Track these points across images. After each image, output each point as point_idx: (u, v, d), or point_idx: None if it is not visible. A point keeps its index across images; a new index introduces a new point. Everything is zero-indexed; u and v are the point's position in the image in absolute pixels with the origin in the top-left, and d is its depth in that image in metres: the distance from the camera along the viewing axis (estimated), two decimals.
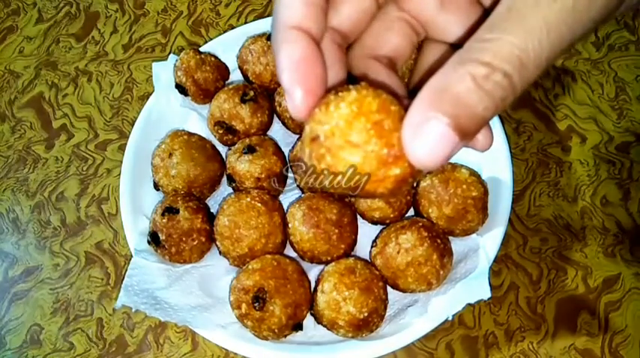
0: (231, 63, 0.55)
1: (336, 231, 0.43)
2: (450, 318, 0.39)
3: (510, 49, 0.17)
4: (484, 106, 0.17)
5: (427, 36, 0.25)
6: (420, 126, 0.17)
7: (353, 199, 0.46)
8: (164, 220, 0.45)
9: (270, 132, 0.53)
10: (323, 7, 0.21)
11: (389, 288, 0.43)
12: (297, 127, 0.52)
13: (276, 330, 0.41)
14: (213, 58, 0.54)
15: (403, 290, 0.43)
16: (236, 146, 0.49)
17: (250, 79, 0.54)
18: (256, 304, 0.40)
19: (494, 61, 0.17)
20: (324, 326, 0.42)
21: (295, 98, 0.20)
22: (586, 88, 0.56)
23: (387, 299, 0.42)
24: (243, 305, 0.41)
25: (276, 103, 0.52)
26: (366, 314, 0.39)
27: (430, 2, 0.23)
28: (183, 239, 0.45)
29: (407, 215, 0.47)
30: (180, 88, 0.53)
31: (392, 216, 0.45)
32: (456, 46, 0.24)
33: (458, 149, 0.18)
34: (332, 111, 0.19)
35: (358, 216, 0.47)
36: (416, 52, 0.25)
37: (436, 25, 0.24)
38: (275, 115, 0.53)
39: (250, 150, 0.47)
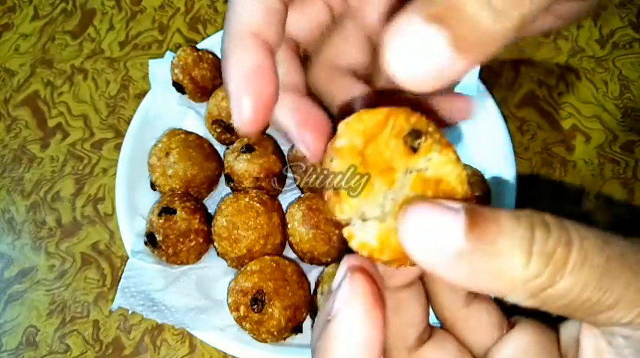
0: None
1: (337, 231, 0.42)
2: None
3: None
4: (501, 26, 0.14)
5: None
6: (402, 29, 0.14)
7: None
8: (161, 221, 0.44)
9: (269, 131, 0.53)
10: (283, 16, 0.20)
11: None
12: None
13: (275, 333, 0.40)
14: (210, 56, 0.53)
15: None
16: (234, 145, 0.49)
17: None
18: (255, 306, 0.40)
19: None
20: None
21: (244, 109, 0.18)
22: (590, 86, 0.55)
23: None
24: (242, 308, 0.40)
25: None
26: None
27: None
28: (181, 240, 0.44)
29: None
30: (178, 86, 0.52)
31: None
32: None
33: (453, 70, 0.14)
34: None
35: None
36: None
37: None
38: None
39: (249, 149, 0.47)
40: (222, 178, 0.50)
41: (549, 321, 0.19)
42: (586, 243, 0.14)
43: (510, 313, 0.22)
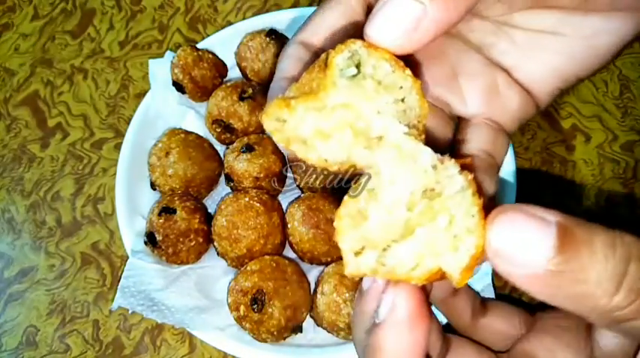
0: (230, 60, 0.54)
1: None
2: None
3: None
4: None
5: None
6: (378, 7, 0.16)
7: None
8: (161, 220, 0.44)
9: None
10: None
11: None
12: None
13: (275, 332, 0.40)
14: (210, 55, 0.53)
15: None
16: (234, 145, 0.49)
17: (249, 76, 0.53)
18: (255, 306, 0.40)
19: None
20: (324, 328, 0.41)
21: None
22: (590, 86, 0.55)
23: None
24: (242, 307, 0.40)
25: None
26: None
27: None
28: (181, 239, 0.44)
29: None
30: (178, 86, 0.52)
31: None
32: None
33: (430, 21, 0.16)
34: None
35: None
36: None
37: None
38: None
39: (249, 149, 0.47)
40: (222, 178, 0.50)
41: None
42: None
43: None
